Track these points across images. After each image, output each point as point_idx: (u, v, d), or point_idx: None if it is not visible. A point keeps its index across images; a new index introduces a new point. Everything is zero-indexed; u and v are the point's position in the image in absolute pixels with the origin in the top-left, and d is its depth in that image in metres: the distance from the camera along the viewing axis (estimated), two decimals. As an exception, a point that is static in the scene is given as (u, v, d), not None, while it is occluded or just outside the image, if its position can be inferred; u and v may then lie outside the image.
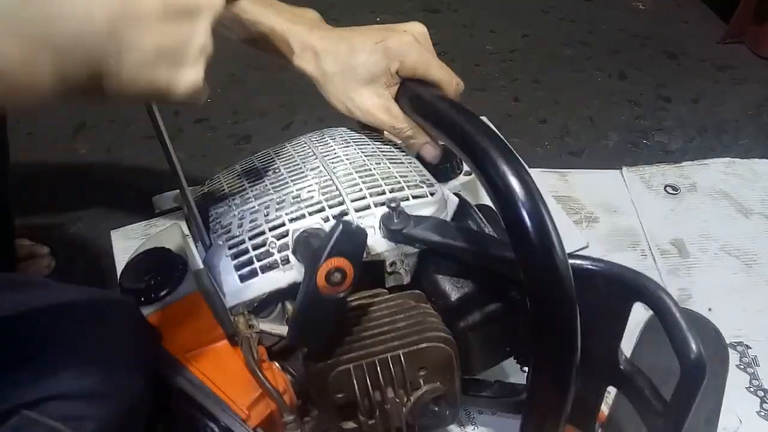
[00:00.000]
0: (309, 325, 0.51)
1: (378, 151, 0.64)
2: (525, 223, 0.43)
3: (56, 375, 0.44)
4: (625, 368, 0.53)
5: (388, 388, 0.55)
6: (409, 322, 0.56)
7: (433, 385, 0.56)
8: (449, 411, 0.59)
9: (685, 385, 0.45)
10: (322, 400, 0.56)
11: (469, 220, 0.62)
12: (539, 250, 0.43)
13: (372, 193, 0.58)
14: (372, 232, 0.56)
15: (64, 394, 0.43)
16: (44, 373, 0.43)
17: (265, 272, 0.55)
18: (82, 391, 0.44)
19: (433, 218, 0.57)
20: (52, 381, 0.43)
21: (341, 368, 0.53)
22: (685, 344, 0.44)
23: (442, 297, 0.58)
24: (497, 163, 0.45)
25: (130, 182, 1.20)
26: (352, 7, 1.68)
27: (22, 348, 0.44)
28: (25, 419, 0.42)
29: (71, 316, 0.47)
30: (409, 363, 0.54)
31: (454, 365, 0.56)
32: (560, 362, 0.47)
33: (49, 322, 0.46)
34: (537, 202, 0.43)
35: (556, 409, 0.49)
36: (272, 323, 0.58)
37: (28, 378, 0.43)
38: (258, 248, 0.55)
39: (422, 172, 0.63)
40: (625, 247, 1.04)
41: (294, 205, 0.57)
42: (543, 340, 0.47)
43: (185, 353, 0.53)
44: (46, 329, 0.45)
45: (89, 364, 0.45)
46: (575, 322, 0.45)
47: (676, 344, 0.45)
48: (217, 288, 0.56)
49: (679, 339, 0.45)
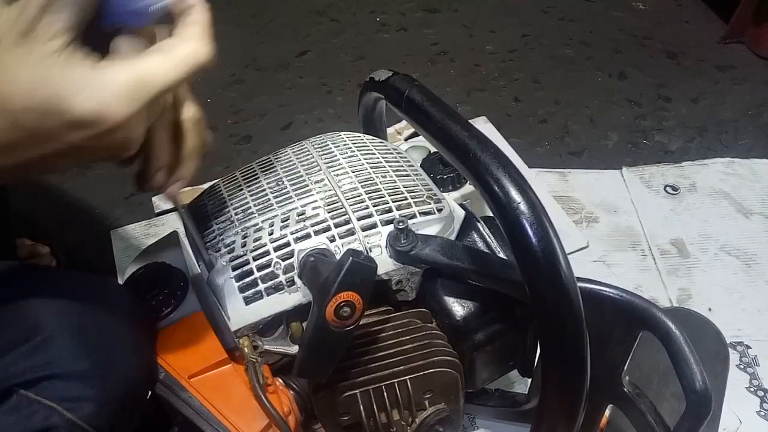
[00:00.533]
0: (316, 358, 0.50)
1: (383, 161, 0.63)
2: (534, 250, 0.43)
3: (53, 355, 0.44)
4: (628, 391, 0.52)
5: (394, 410, 0.55)
6: (416, 345, 0.55)
7: (438, 407, 0.56)
8: (452, 429, 0.59)
9: (690, 418, 0.46)
10: (328, 422, 0.56)
11: (476, 235, 0.61)
12: (548, 277, 0.43)
13: (379, 210, 0.57)
14: (379, 251, 0.55)
15: (61, 375, 0.43)
16: (41, 353, 0.44)
17: (270, 294, 0.54)
18: (79, 372, 0.44)
19: (440, 239, 0.57)
20: (49, 361, 0.44)
21: (348, 393, 0.54)
22: (693, 378, 0.45)
23: (447, 316, 0.58)
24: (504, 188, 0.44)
25: (130, 182, 1.19)
26: (352, 7, 1.68)
27: (19, 330, 0.44)
28: (23, 399, 0.43)
29: (69, 300, 0.48)
30: (415, 387, 0.55)
31: (459, 387, 0.57)
32: (570, 385, 0.47)
33: (46, 305, 0.46)
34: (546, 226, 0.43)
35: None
36: (276, 342, 0.57)
37: (25, 358, 0.43)
38: (263, 269, 0.54)
39: (428, 185, 0.62)
40: (625, 247, 1.04)
41: (299, 224, 0.56)
42: (551, 361, 0.47)
43: (189, 378, 0.52)
44: (43, 312, 0.46)
45: (86, 347, 0.45)
46: (584, 344, 0.45)
47: (683, 377, 0.45)
48: (222, 310, 0.55)
49: (687, 373, 0.45)
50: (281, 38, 1.60)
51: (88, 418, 0.44)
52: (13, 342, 0.44)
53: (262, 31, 1.62)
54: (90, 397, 0.44)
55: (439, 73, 1.46)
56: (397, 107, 0.58)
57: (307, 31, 1.61)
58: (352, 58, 1.52)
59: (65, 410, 0.43)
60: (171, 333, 0.55)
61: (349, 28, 1.61)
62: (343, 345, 0.50)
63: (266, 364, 0.56)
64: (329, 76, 1.46)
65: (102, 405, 0.45)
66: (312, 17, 1.66)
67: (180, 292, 0.57)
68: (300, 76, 1.47)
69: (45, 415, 0.42)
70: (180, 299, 0.57)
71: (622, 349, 0.51)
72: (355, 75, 1.46)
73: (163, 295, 0.56)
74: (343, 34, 1.60)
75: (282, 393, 0.56)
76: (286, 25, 1.64)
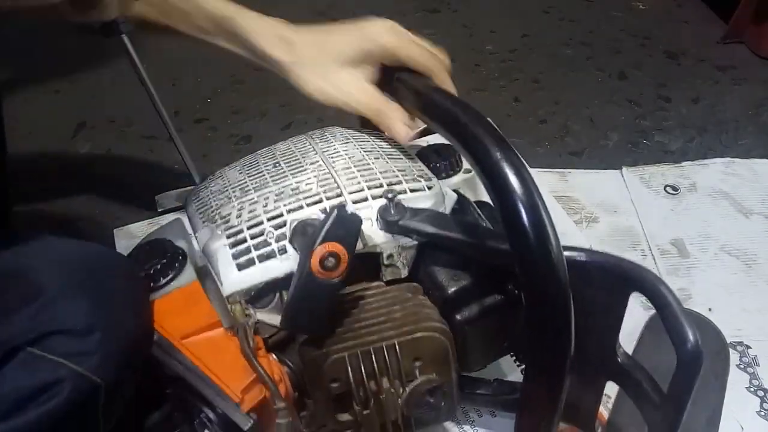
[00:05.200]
0: (303, 310, 0.51)
1: (377, 147, 0.65)
2: (520, 212, 0.43)
3: (57, 313, 0.45)
4: (623, 362, 0.52)
5: (383, 378, 0.55)
6: (405, 312, 0.56)
7: (428, 376, 0.56)
8: (445, 403, 0.59)
9: (682, 375, 0.45)
10: (317, 391, 0.56)
11: (468, 216, 0.62)
12: (533, 238, 0.43)
13: (370, 186, 0.58)
14: (369, 224, 0.56)
15: (64, 330, 0.44)
16: (45, 312, 0.45)
17: (263, 261, 0.55)
18: (82, 327, 0.45)
19: (429, 210, 0.58)
20: (52, 318, 0.45)
21: (336, 356, 0.54)
22: (682, 333, 0.44)
23: (438, 289, 0.58)
24: (494, 156, 0.45)
25: (131, 182, 1.20)
26: (352, 7, 1.68)
27: (22, 291, 0.45)
28: (29, 356, 0.44)
29: (70, 262, 0.49)
30: (404, 352, 0.55)
31: (449, 357, 0.56)
32: (554, 354, 0.47)
33: (47, 268, 0.47)
34: (533, 192, 0.43)
35: (550, 402, 0.49)
36: (269, 313, 0.58)
37: (28, 317, 0.44)
38: (256, 238, 0.56)
39: (420, 167, 0.63)
40: (625, 248, 1.03)
41: (293, 197, 0.58)
42: (536, 331, 0.47)
43: (181, 339, 0.54)
44: (44, 274, 0.47)
45: (88, 304, 0.46)
46: (569, 314, 0.45)
47: (673, 333, 0.45)
48: (215, 276, 0.56)
49: (676, 328, 0.44)
50: (281, 38, 1.59)
51: (94, 370, 0.45)
52: (17, 304, 0.45)
53: (262, 31, 1.62)
54: (95, 351, 0.45)
55: (439, 73, 1.46)
56: (387, 88, 0.62)
57: (307, 31, 1.61)
58: (352, 58, 1.52)
59: (71, 363, 0.44)
60: (166, 301, 0.56)
61: (349, 28, 1.61)
62: (329, 298, 0.51)
63: (260, 338, 0.57)
64: (329, 76, 1.46)
65: (107, 358, 0.46)
66: (312, 17, 1.66)
67: (178, 264, 0.58)
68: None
69: (52, 369, 0.44)
70: (178, 270, 0.57)
71: (613, 316, 0.51)
72: (355, 75, 1.46)
73: (161, 265, 0.57)
74: (343, 34, 1.59)
75: (274, 365, 0.56)
76: (286, 25, 1.64)
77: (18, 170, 0.91)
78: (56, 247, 0.52)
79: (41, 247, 0.52)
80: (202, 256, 0.59)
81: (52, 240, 0.53)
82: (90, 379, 0.45)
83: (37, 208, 1.14)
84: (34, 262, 0.48)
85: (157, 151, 1.22)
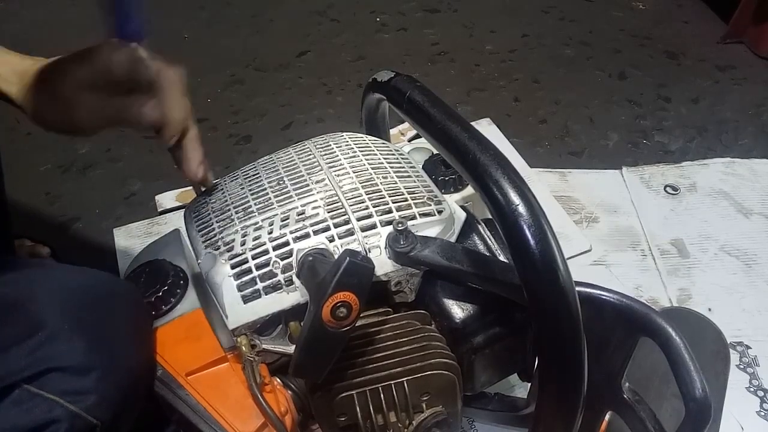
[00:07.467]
0: (312, 358, 0.50)
1: (384, 162, 0.63)
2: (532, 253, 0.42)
3: (55, 350, 0.44)
4: (628, 397, 0.52)
5: (391, 412, 0.55)
6: (413, 347, 0.55)
7: (435, 409, 0.56)
8: (450, 428, 0.59)
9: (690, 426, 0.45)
10: (324, 423, 0.56)
11: (476, 237, 0.61)
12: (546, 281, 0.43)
13: (378, 211, 0.56)
14: (378, 252, 0.55)
15: (63, 368, 0.44)
16: (44, 349, 0.44)
17: (269, 293, 0.54)
18: (81, 366, 0.45)
19: (439, 240, 0.56)
20: (51, 356, 0.44)
21: (344, 394, 0.53)
22: (692, 385, 0.44)
23: (446, 318, 0.57)
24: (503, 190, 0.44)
25: (131, 182, 1.20)
26: (352, 7, 1.68)
27: (22, 325, 0.45)
28: (25, 393, 0.43)
29: (71, 295, 0.48)
30: (412, 389, 0.54)
31: (456, 390, 0.56)
32: (567, 391, 0.47)
33: (48, 301, 0.47)
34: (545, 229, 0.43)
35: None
36: (274, 341, 0.57)
37: (27, 352, 0.44)
38: (261, 268, 0.54)
39: (429, 186, 0.62)
40: (625, 247, 1.04)
41: (299, 223, 0.56)
42: (549, 366, 0.47)
43: (186, 376, 0.53)
44: (44, 308, 0.46)
45: (88, 341, 0.46)
46: (581, 349, 0.45)
47: (683, 385, 0.45)
48: (220, 308, 0.55)
49: (687, 380, 0.45)
50: (281, 38, 1.60)
51: (90, 410, 0.44)
52: (15, 339, 0.44)
53: (262, 31, 1.62)
54: (92, 390, 0.44)
55: (439, 73, 1.46)
56: (398, 108, 0.58)
57: (307, 31, 1.61)
58: (352, 58, 1.52)
59: (67, 403, 0.43)
60: (169, 330, 0.55)
61: (349, 28, 1.61)
62: (339, 346, 0.50)
63: (264, 363, 0.56)
64: (329, 76, 1.46)
65: (104, 397, 0.45)
66: (312, 17, 1.66)
67: (179, 290, 0.57)
68: (300, 76, 1.47)
69: (47, 408, 0.43)
70: (179, 297, 0.57)
71: (621, 354, 0.51)
72: (355, 75, 1.46)
73: (162, 292, 0.56)
74: (343, 34, 1.60)
75: (279, 392, 0.56)
76: (286, 25, 1.64)
77: (18, 171, 0.91)
78: (58, 276, 0.51)
79: (43, 276, 0.50)
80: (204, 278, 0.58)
81: (54, 268, 0.51)
82: (86, 419, 0.44)
83: (37, 209, 1.14)
84: (35, 293, 0.47)
85: (157, 152, 1.22)
